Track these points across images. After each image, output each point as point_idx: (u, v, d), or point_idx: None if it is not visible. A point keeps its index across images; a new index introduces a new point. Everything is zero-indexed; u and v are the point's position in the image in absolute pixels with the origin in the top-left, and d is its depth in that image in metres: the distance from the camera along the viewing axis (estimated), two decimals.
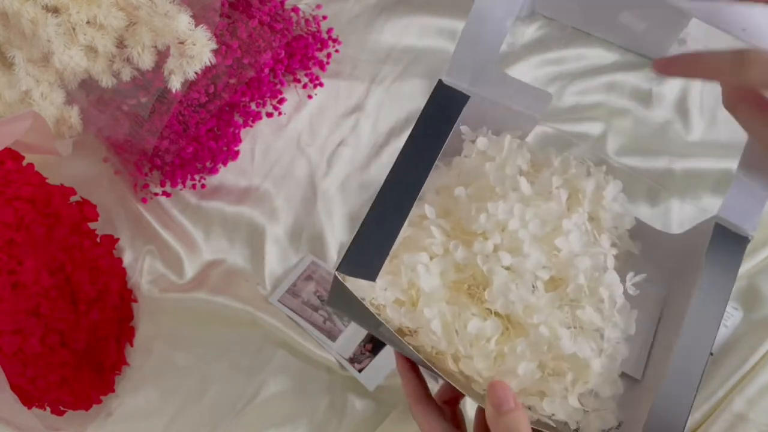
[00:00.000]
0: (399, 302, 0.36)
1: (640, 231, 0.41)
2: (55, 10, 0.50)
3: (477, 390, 0.35)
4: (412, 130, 0.36)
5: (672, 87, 0.65)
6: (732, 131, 0.64)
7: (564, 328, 0.35)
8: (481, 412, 0.42)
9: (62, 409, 0.55)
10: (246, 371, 0.57)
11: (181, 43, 0.51)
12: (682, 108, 0.64)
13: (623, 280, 0.38)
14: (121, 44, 0.52)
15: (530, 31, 0.66)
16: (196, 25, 0.51)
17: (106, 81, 0.53)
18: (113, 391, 0.57)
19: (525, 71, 0.65)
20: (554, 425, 0.35)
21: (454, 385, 0.34)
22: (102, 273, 0.57)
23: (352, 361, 0.56)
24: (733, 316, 0.56)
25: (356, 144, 0.63)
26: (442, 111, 0.37)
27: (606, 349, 0.36)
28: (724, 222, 0.38)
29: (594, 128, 0.63)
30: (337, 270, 0.32)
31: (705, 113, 0.64)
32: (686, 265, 0.39)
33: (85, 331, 0.54)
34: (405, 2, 0.68)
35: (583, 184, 0.39)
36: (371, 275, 0.33)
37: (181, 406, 0.57)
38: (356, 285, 0.33)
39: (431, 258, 0.36)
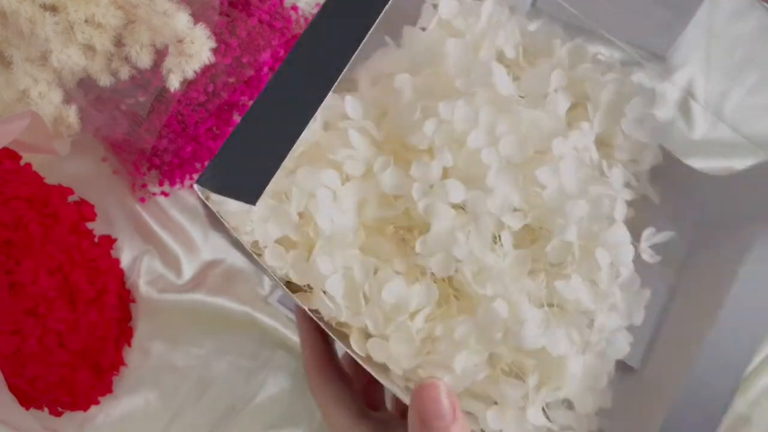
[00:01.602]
0: (288, 242, 0.23)
1: (663, 169, 0.28)
2: (53, 9, 0.50)
3: (397, 381, 0.24)
4: None
5: (675, 85, 0.64)
6: (735, 130, 0.63)
7: (533, 307, 0.23)
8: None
9: (60, 409, 0.54)
10: (245, 371, 0.57)
11: (180, 41, 0.50)
12: (685, 106, 0.63)
13: (636, 240, 0.25)
14: (119, 43, 0.52)
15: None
16: (195, 24, 0.51)
17: (105, 80, 0.53)
18: (111, 391, 0.56)
19: None
20: None
21: (364, 366, 0.23)
22: (100, 273, 0.56)
23: None
24: None
25: None
26: None
27: (595, 343, 0.24)
28: None
29: None
30: (197, 182, 0.21)
31: (708, 111, 0.64)
32: (723, 224, 0.27)
33: (83, 331, 0.54)
34: None
35: (597, 90, 0.27)
36: (249, 195, 0.20)
37: (180, 407, 0.56)
38: (227, 208, 0.22)
39: (344, 181, 0.23)
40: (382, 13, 0.21)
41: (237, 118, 0.62)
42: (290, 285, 0.24)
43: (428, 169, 0.23)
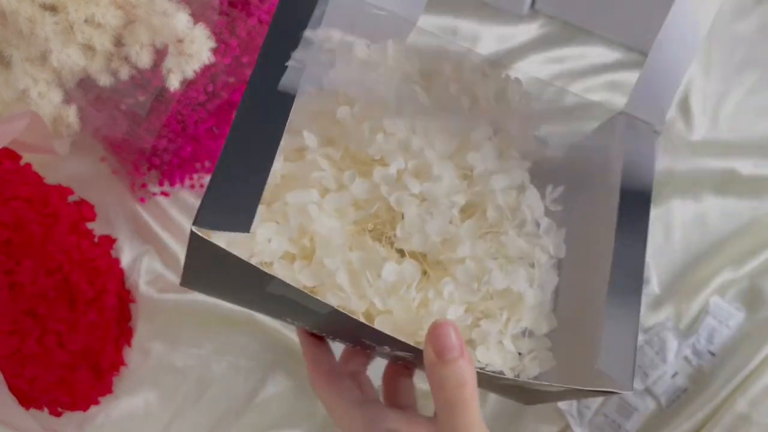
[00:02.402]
0: (288, 256, 0.29)
1: (542, 139, 0.35)
2: (52, 9, 0.50)
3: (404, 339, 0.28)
4: (262, 46, 0.29)
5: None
6: (734, 130, 0.63)
7: (491, 260, 0.30)
8: (389, 376, 0.38)
9: (60, 410, 0.54)
10: (245, 371, 0.57)
11: (180, 41, 0.50)
12: (684, 107, 0.63)
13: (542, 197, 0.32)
14: (119, 43, 0.52)
15: (531, 29, 0.66)
16: (195, 24, 0.51)
17: (104, 80, 0.53)
18: (111, 392, 0.56)
19: (526, 70, 0.65)
20: (494, 376, 0.29)
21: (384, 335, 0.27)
22: (100, 273, 0.56)
23: None
24: (735, 317, 0.56)
25: None
26: (295, 15, 0.29)
27: (537, 278, 0.31)
28: (630, 117, 0.33)
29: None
30: (194, 224, 0.24)
31: (707, 112, 0.63)
32: (591, 172, 0.34)
33: (82, 331, 0.54)
34: None
35: (484, 89, 0.33)
36: (244, 224, 0.25)
37: (180, 407, 0.56)
38: (226, 242, 0.25)
39: (322, 196, 0.29)
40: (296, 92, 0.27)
41: None
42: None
43: (387, 173, 0.29)
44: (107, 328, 0.56)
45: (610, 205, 0.31)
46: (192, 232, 0.25)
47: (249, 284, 0.27)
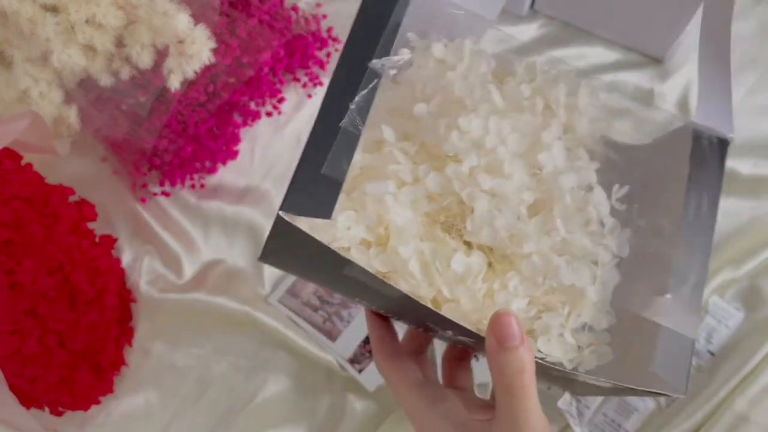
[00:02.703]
0: (364, 243, 0.31)
1: (615, 145, 0.36)
2: (53, 9, 0.50)
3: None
4: (345, 45, 0.31)
5: (674, 86, 0.64)
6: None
7: (556, 256, 0.31)
8: (449, 359, 0.39)
9: (61, 409, 0.54)
10: (245, 371, 0.57)
11: (181, 42, 0.50)
12: (684, 107, 0.63)
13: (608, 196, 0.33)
14: (119, 43, 0.52)
15: (531, 30, 0.66)
16: (196, 24, 0.51)
17: (105, 80, 0.53)
18: (112, 391, 0.56)
19: None
20: (552, 367, 0.30)
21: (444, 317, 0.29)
22: (101, 273, 0.56)
23: (352, 361, 0.56)
24: (734, 317, 0.56)
25: None
26: (378, 14, 0.31)
27: (600, 275, 0.32)
28: (701, 127, 0.34)
29: None
30: (281, 210, 0.27)
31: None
32: (655, 177, 0.35)
33: (83, 331, 0.54)
34: None
35: (555, 91, 0.34)
36: (326, 212, 0.27)
37: (180, 407, 0.56)
38: (309, 227, 0.28)
39: (398, 187, 0.31)
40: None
41: (237, 118, 0.62)
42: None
43: (460, 169, 0.31)
44: (108, 328, 0.56)
45: (674, 210, 0.32)
46: (278, 216, 0.26)
47: (327, 267, 0.29)
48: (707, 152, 0.33)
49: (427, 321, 0.30)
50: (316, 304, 0.58)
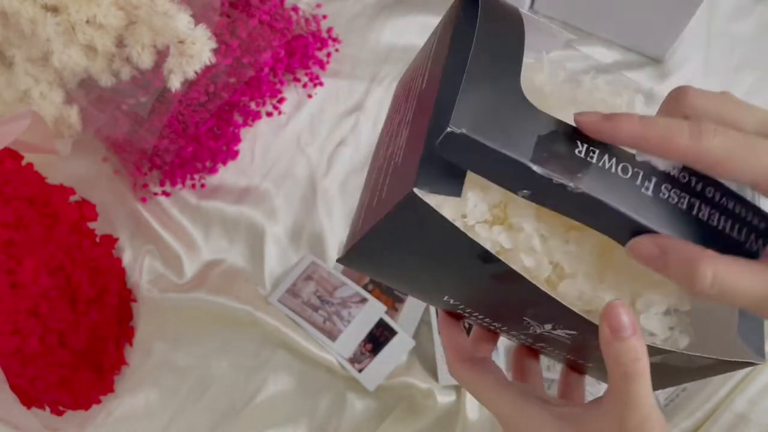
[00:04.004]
0: (487, 222, 0.32)
1: None
2: (54, 10, 0.50)
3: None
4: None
5: (674, 86, 0.64)
6: None
7: None
8: (518, 358, 0.40)
9: (61, 409, 0.54)
10: (246, 371, 0.57)
11: (181, 42, 0.51)
12: None
13: None
14: (120, 43, 0.52)
15: None
16: (196, 25, 0.51)
17: (106, 80, 0.53)
18: (112, 391, 0.56)
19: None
20: (659, 349, 0.31)
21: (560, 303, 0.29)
22: (101, 273, 0.57)
23: (352, 361, 0.56)
24: None
25: (356, 144, 0.63)
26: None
27: None
28: None
29: None
30: (416, 187, 0.26)
31: None
32: None
33: (84, 331, 0.54)
34: (405, 1, 0.68)
35: (617, 100, 0.34)
36: (455, 189, 0.27)
37: (181, 406, 0.57)
38: (440, 203, 0.28)
39: None
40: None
41: (237, 118, 0.62)
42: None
43: None
44: (108, 328, 0.56)
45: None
46: (410, 194, 0.26)
47: (442, 250, 0.29)
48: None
49: (534, 306, 0.31)
50: (317, 303, 0.58)
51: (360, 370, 0.56)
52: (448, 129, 0.25)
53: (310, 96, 0.65)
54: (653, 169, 0.28)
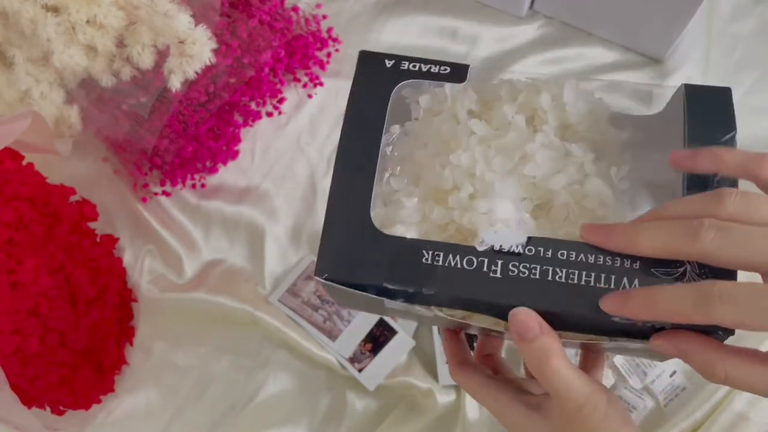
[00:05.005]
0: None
1: (621, 121, 0.39)
2: (54, 10, 0.50)
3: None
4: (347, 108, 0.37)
5: (673, 86, 0.64)
6: None
7: None
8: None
9: (62, 408, 0.55)
10: (246, 371, 0.57)
11: (181, 42, 0.51)
12: None
13: (612, 178, 0.35)
14: (120, 43, 0.52)
15: (530, 30, 0.66)
16: (196, 25, 0.51)
17: (106, 80, 0.53)
18: (113, 390, 0.57)
19: (524, 70, 0.65)
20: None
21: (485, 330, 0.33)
22: (101, 273, 0.57)
23: (352, 361, 0.56)
24: None
25: None
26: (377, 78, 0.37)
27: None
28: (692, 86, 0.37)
29: None
30: (316, 275, 0.32)
31: None
32: (659, 140, 0.38)
33: (84, 330, 0.54)
34: (405, 2, 0.68)
35: (538, 100, 0.36)
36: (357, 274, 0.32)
37: (181, 406, 0.57)
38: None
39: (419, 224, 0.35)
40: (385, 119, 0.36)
41: (238, 118, 0.62)
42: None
43: (459, 198, 0.34)
44: (109, 328, 0.56)
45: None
46: (318, 281, 0.32)
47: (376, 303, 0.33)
48: (705, 102, 0.37)
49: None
50: (317, 303, 0.58)
51: (360, 370, 0.56)
52: (316, 278, 0.32)
53: (310, 96, 0.65)
54: (496, 253, 0.31)
